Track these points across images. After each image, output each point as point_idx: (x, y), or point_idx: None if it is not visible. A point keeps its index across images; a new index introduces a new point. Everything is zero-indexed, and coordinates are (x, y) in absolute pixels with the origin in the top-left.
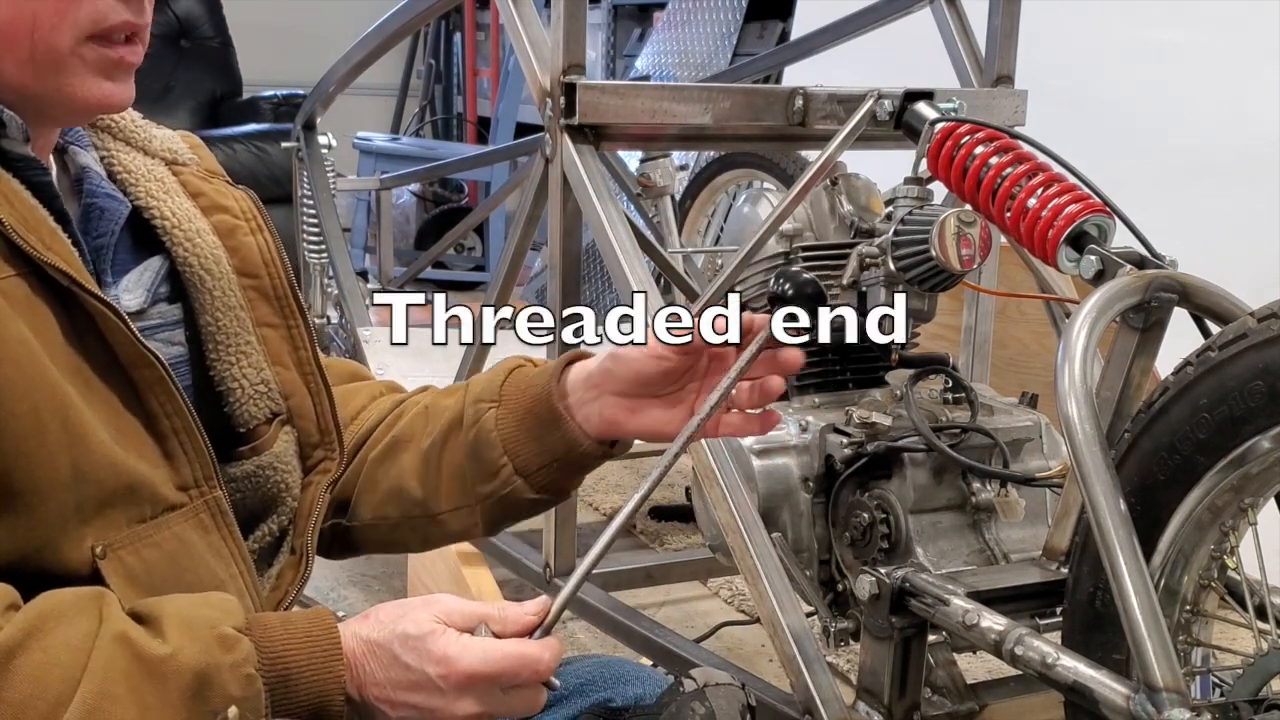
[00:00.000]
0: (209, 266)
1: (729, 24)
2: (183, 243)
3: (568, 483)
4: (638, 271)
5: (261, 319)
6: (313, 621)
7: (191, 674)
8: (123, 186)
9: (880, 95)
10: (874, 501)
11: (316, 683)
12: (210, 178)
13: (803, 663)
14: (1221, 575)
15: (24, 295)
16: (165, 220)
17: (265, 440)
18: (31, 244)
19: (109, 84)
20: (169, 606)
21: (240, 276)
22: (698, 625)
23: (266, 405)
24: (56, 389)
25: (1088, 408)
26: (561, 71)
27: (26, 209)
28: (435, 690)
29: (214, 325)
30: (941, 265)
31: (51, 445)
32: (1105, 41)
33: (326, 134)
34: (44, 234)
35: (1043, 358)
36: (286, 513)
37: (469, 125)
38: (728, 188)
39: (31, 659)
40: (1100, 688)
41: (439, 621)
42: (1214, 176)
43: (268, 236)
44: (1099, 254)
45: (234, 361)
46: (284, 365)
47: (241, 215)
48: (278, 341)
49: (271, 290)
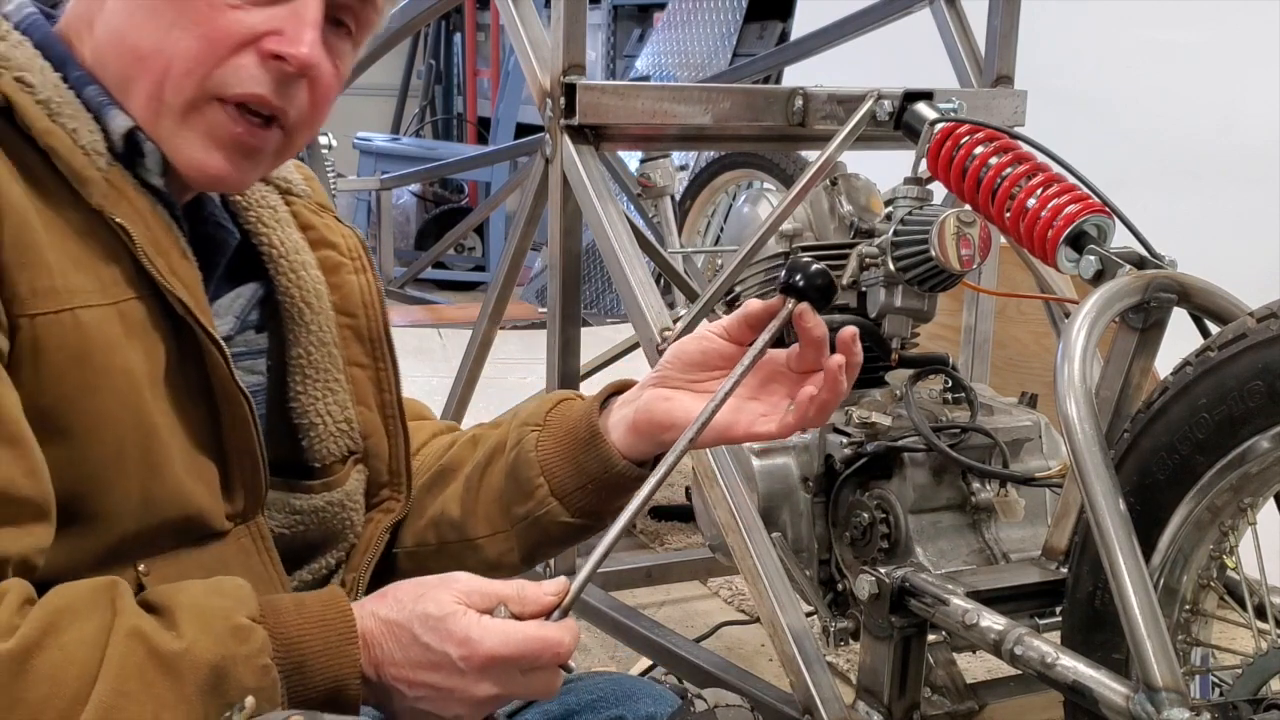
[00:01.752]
0: (310, 300)
1: (729, 24)
2: (288, 273)
3: (604, 507)
4: (638, 271)
5: (352, 358)
6: (327, 604)
7: (207, 668)
8: (234, 211)
9: (880, 95)
10: (874, 501)
11: (332, 667)
12: (321, 212)
13: (803, 662)
14: (1221, 575)
15: (141, 320)
16: (273, 249)
17: (338, 478)
18: (159, 268)
19: (216, 155)
20: (182, 597)
21: (338, 314)
22: (698, 625)
23: (345, 443)
24: (145, 420)
25: (1087, 407)
26: (562, 72)
27: (160, 230)
28: (455, 671)
29: (305, 359)
30: (941, 265)
31: (128, 475)
32: (1105, 41)
33: (327, 134)
34: (173, 258)
35: (1042, 358)
36: (345, 547)
37: (469, 125)
38: (728, 188)
39: (49, 658)
40: (1100, 687)
41: (459, 602)
42: (1214, 176)
43: (370, 278)
44: (1098, 254)
45: (319, 397)
46: (367, 406)
47: (347, 254)
48: (365, 382)
49: (366, 331)
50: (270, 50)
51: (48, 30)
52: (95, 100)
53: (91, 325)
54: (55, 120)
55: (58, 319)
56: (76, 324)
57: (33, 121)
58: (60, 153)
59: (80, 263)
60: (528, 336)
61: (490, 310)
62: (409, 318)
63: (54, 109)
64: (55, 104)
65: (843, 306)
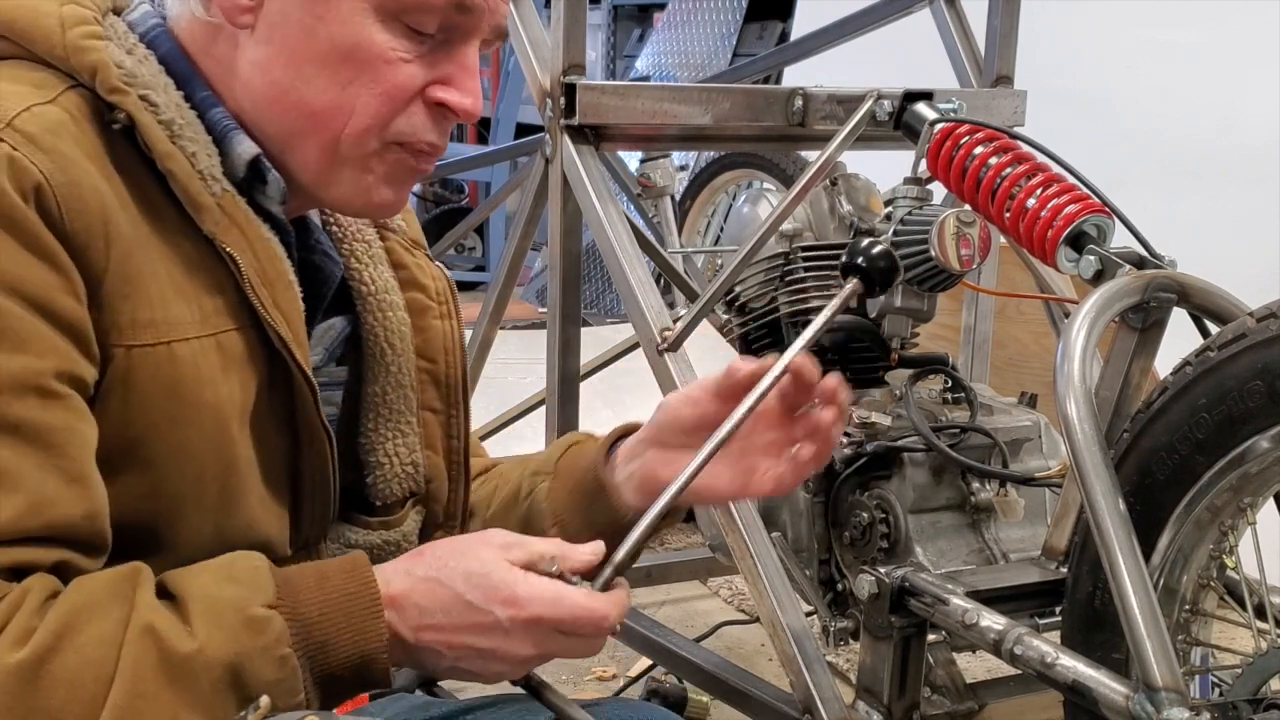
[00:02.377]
0: (394, 341)
1: (729, 24)
2: (375, 311)
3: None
4: (638, 271)
5: (426, 402)
6: (349, 576)
7: (222, 667)
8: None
9: (880, 95)
10: (873, 501)
11: (358, 643)
12: (414, 249)
13: (803, 662)
14: (1220, 575)
15: (239, 352)
16: (364, 285)
17: (397, 518)
18: (262, 299)
19: (389, 190)
20: (194, 586)
21: (419, 358)
22: (698, 625)
23: (409, 485)
24: (228, 454)
25: (1087, 407)
26: (561, 72)
27: (269, 259)
28: (499, 631)
29: (380, 398)
30: (941, 265)
31: (204, 508)
32: (1105, 41)
33: None
34: (279, 289)
35: (1042, 358)
36: None
37: (469, 125)
38: (728, 188)
39: (66, 662)
40: (1099, 687)
41: (503, 558)
42: (1214, 176)
43: (454, 324)
44: (1098, 254)
45: (389, 437)
46: (434, 450)
47: (435, 298)
48: (435, 426)
49: (445, 377)
50: (438, 99)
51: (172, 45)
52: (221, 124)
53: (186, 359)
54: (176, 143)
55: (153, 351)
56: (171, 357)
57: (154, 144)
58: (178, 177)
59: (184, 293)
60: (528, 336)
61: (490, 310)
62: None
63: (175, 130)
64: (178, 125)
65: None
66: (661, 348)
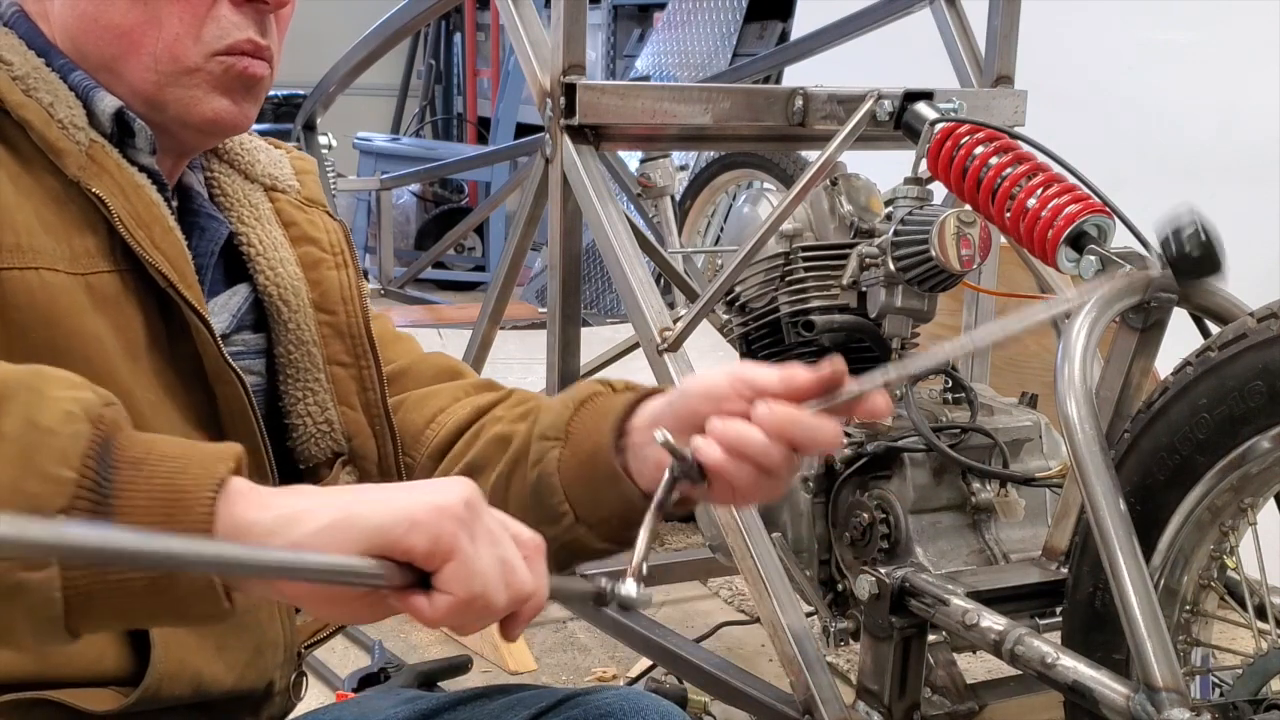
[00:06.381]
0: (287, 298)
1: (729, 24)
2: (265, 270)
3: (633, 535)
4: (638, 271)
5: (333, 356)
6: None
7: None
8: (220, 209)
9: (880, 95)
10: (874, 501)
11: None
12: (307, 206)
13: (803, 662)
14: (1221, 575)
15: (113, 293)
16: (251, 247)
17: (325, 480)
18: (138, 239)
19: (224, 101)
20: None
21: (317, 311)
22: (698, 625)
23: (329, 445)
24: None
25: (1087, 408)
26: (561, 72)
27: (144, 204)
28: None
29: (286, 358)
30: (941, 265)
31: None
32: (1105, 41)
33: (327, 134)
34: (156, 232)
35: (1042, 358)
36: None
37: (469, 125)
38: (728, 188)
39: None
40: (1100, 687)
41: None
42: (1214, 176)
43: (351, 273)
44: (1099, 254)
45: (300, 397)
46: (350, 406)
47: (329, 249)
48: (346, 381)
49: (346, 328)
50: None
51: (29, 25)
52: (82, 84)
53: (59, 288)
54: (32, 95)
55: (23, 275)
56: (43, 284)
57: (6, 94)
58: (34, 124)
59: (51, 229)
60: (528, 336)
61: (490, 310)
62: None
63: (30, 85)
64: (33, 80)
65: (843, 307)
66: (661, 348)
